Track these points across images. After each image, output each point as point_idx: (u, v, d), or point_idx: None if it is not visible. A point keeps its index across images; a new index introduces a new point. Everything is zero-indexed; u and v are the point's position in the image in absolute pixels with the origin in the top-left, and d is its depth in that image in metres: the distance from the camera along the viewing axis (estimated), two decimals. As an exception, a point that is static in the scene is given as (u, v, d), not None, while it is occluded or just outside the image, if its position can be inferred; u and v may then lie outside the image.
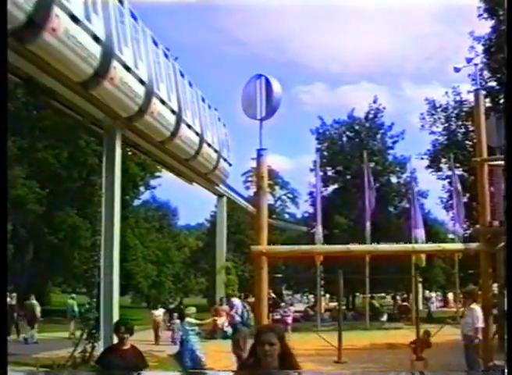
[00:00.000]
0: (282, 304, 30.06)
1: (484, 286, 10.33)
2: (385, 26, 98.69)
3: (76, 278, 43.45)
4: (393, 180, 45.89)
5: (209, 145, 23.05)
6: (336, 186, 45.75)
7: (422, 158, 39.46)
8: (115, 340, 7.67)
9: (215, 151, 23.97)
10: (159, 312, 25.56)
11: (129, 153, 25.72)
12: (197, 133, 21.39)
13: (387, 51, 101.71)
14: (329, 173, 45.72)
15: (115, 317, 15.36)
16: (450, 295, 49.24)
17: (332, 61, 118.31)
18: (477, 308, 11.31)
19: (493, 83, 31.32)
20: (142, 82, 16.01)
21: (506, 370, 3.25)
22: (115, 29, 14.50)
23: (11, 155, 29.36)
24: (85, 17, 12.88)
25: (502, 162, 10.30)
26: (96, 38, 13.34)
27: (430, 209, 46.69)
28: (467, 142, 35.92)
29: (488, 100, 26.14)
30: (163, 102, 17.65)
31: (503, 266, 12.11)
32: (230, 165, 27.22)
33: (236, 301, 19.76)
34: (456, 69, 11.75)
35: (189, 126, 20.34)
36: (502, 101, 27.82)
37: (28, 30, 11.38)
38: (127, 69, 15.04)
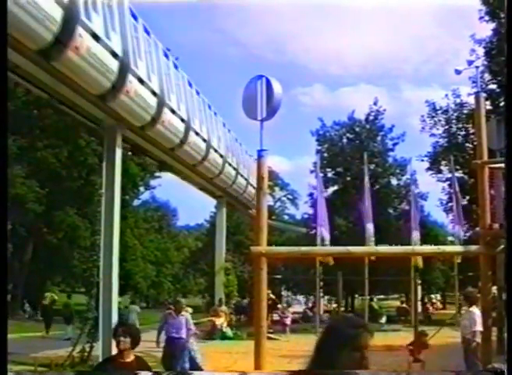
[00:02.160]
0: (279, 305, 30.12)
1: (483, 289, 10.31)
2: (384, 28, 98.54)
3: (75, 278, 43.48)
4: (393, 182, 45.89)
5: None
6: (335, 187, 45.70)
7: (422, 161, 39.55)
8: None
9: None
10: None
11: (130, 153, 25.81)
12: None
13: (386, 53, 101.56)
14: (329, 175, 45.64)
15: (114, 317, 15.39)
16: (438, 298, 49.46)
17: (331, 63, 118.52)
18: (475, 312, 11.29)
19: (494, 86, 31.35)
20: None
21: (506, 372, 3.23)
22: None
23: (11, 153, 29.37)
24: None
25: (502, 165, 10.29)
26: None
27: (430, 211, 46.71)
28: (467, 145, 35.95)
29: (488, 103, 26.16)
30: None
31: (503, 268, 12.11)
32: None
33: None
34: (457, 72, 11.75)
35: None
36: (502, 103, 27.82)
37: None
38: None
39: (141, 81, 15.70)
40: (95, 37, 13.11)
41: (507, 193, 5.81)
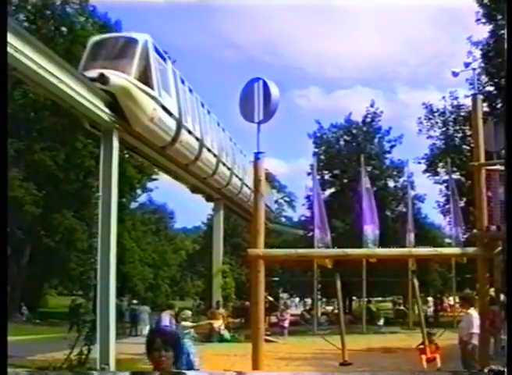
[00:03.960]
0: (282, 307, 30.09)
1: (481, 290, 10.31)
2: (381, 30, 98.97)
3: (72, 280, 43.42)
4: (390, 184, 45.86)
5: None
6: (333, 190, 45.66)
7: (419, 163, 39.63)
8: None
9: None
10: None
11: (127, 155, 25.76)
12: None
13: (383, 56, 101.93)
14: (326, 177, 45.64)
15: (112, 319, 15.35)
16: (430, 299, 49.27)
17: (328, 65, 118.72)
18: (473, 314, 11.30)
19: (491, 88, 31.39)
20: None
21: (506, 372, 3.24)
22: None
23: (8, 156, 29.31)
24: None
25: (499, 167, 10.30)
26: None
27: (427, 214, 46.69)
28: (464, 147, 36.01)
29: (485, 105, 26.19)
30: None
31: (500, 270, 12.11)
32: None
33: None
34: (455, 74, 11.75)
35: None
36: (499, 105, 27.88)
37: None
38: None
39: None
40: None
41: (507, 195, 5.82)
